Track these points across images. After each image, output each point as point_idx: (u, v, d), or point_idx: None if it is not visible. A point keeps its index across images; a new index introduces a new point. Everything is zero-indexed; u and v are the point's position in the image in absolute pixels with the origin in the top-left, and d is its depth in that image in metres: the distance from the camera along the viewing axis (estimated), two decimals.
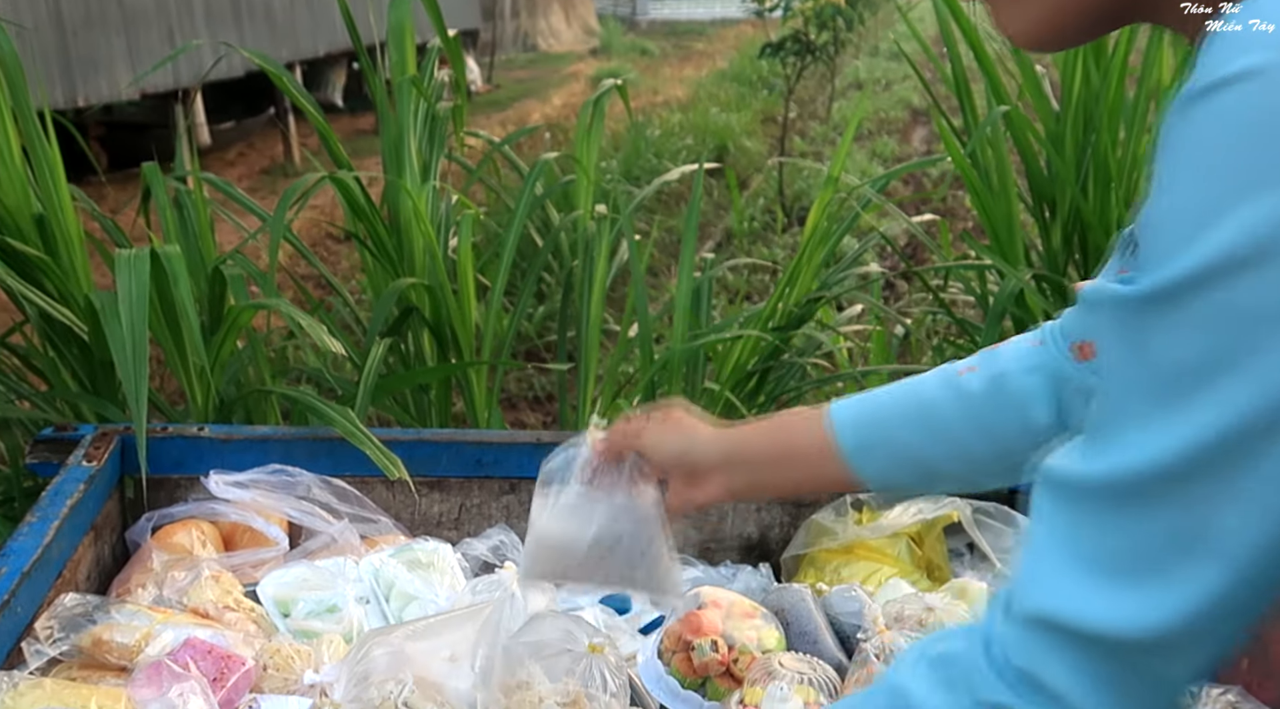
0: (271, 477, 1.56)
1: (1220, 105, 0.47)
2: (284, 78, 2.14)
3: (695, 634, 1.40)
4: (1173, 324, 0.50)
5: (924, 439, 0.96)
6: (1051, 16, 0.61)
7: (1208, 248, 0.48)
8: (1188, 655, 0.56)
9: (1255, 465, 0.50)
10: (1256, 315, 0.48)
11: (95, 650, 1.21)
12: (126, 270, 1.52)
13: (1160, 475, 0.52)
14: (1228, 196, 0.47)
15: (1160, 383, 0.51)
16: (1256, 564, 0.52)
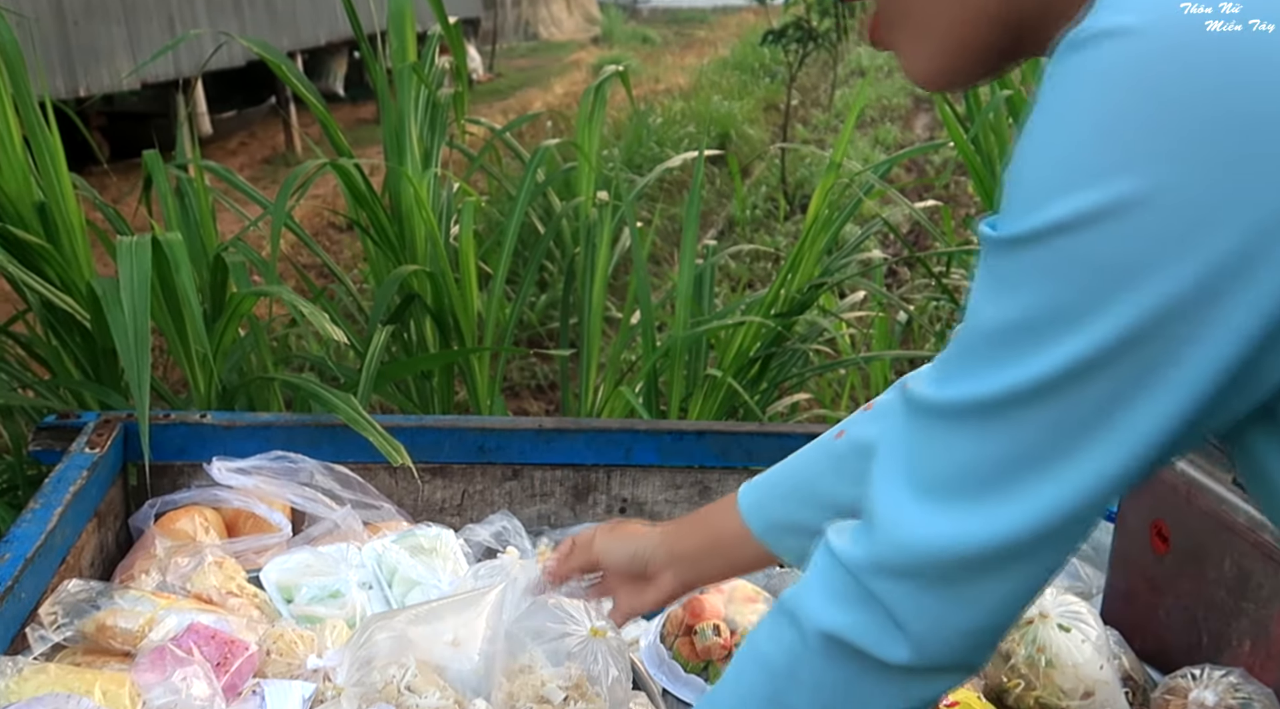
0: (274, 463, 1.57)
1: (1092, 60, 0.49)
2: (285, 68, 2.14)
3: (697, 618, 1.40)
4: (1027, 270, 0.53)
5: (814, 512, 0.99)
6: (945, 59, 0.63)
7: (1065, 206, 0.50)
8: (1019, 571, 0.59)
9: (1091, 401, 0.53)
10: (1103, 267, 0.50)
11: (99, 636, 1.21)
12: (128, 257, 1.52)
13: (1003, 403, 0.55)
14: (1091, 161, 0.49)
15: (1012, 323, 0.54)
16: (1085, 492, 0.56)
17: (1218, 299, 0.49)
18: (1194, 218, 0.48)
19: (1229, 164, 0.47)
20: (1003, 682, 1.29)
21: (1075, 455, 0.55)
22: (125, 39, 7.10)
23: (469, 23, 13.17)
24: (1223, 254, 0.48)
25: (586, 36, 17.62)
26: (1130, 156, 0.48)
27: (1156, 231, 0.49)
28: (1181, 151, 0.47)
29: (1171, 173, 0.48)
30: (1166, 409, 0.53)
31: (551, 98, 10.97)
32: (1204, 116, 0.47)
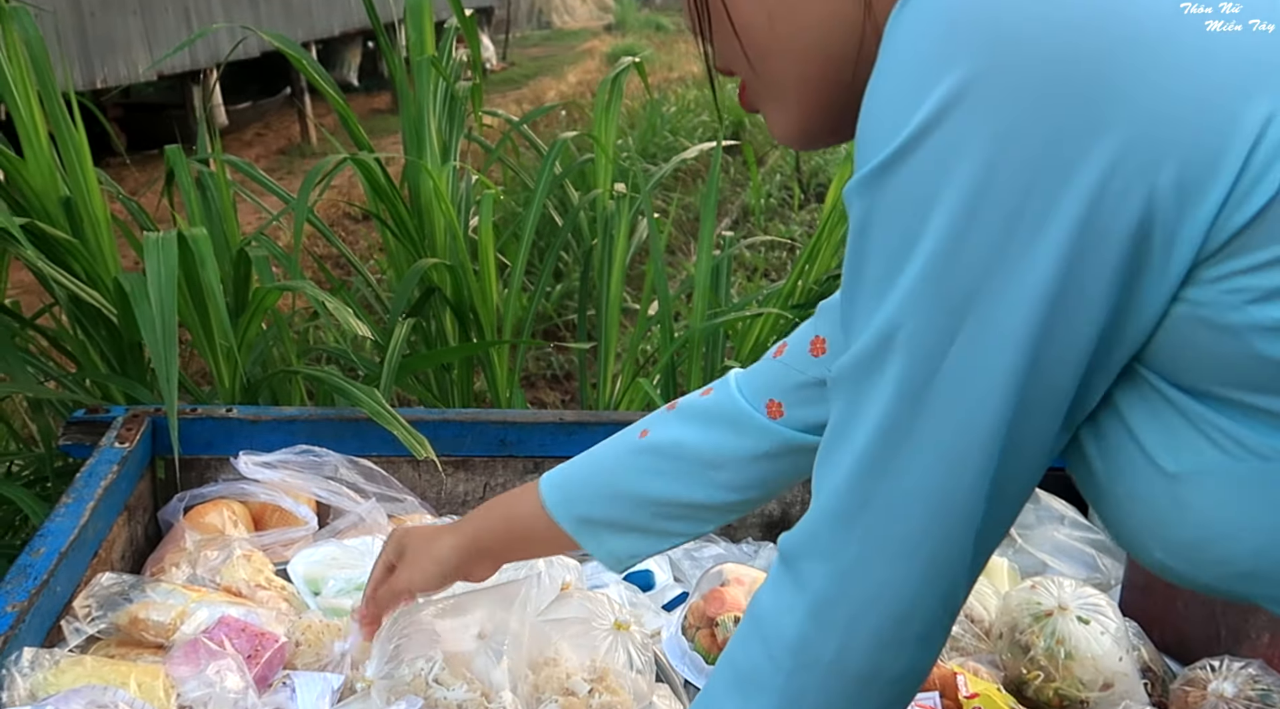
0: (299, 457, 1.58)
1: (906, 14, 0.51)
2: (304, 60, 2.15)
3: (718, 611, 1.41)
4: (872, 211, 0.53)
5: (621, 507, 1.02)
6: (804, 122, 0.67)
7: (896, 138, 0.51)
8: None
9: (939, 337, 0.53)
10: (916, 196, 0.51)
11: (132, 628, 1.23)
12: (155, 253, 1.54)
13: (866, 355, 0.56)
14: (907, 92, 0.50)
15: (870, 274, 0.55)
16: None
17: (1040, 202, 0.49)
18: (1003, 119, 0.48)
19: (1028, 66, 0.47)
20: (1022, 673, 1.30)
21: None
22: (141, 30, 7.13)
23: (482, 11, 13.17)
24: (1033, 155, 0.48)
25: (600, 24, 17.58)
26: (940, 68, 0.49)
27: (969, 133, 0.49)
28: (983, 52, 0.48)
29: (973, 70, 0.48)
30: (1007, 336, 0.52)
31: (565, 86, 10.96)
32: (1006, 29, 0.48)
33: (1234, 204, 0.47)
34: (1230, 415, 0.52)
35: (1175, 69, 0.47)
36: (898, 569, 0.57)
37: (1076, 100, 0.47)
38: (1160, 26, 0.47)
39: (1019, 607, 1.33)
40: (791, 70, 0.64)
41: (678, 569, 1.64)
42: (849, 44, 0.61)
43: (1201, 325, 0.50)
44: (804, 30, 0.62)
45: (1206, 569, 0.56)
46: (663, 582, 1.61)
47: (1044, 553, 1.60)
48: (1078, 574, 1.56)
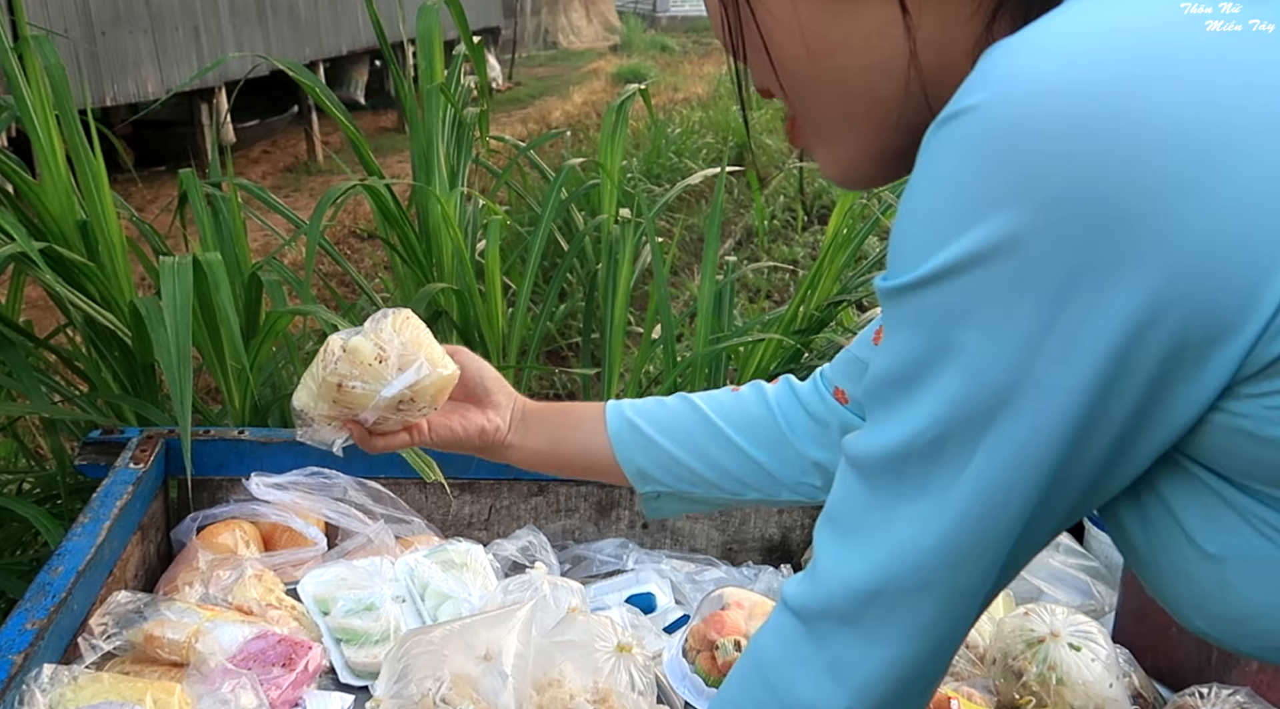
0: (309, 479, 1.62)
1: (948, 134, 0.51)
2: (316, 87, 2.19)
3: (719, 634, 1.44)
4: (903, 321, 0.55)
5: (678, 446, 1.07)
6: (857, 163, 0.66)
7: (935, 260, 0.52)
8: (896, 617, 0.60)
9: (961, 449, 0.55)
10: (953, 315, 0.52)
11: (147, 646, 1.26)
12: (171, 278, 1.58)
13: (892, 456, 0.57)
14: (951, 217, 0.51)
15: (897, 374, 0.56)
16: (953, 537, 0.57)
17: (1058, 351, 0.51)
18: (1039, 262, 0.49)
19: (1070, 212, 0.48)
20: (1015, 698, 1.33)
21: (933, 497, 0.56)
22: (151, 48, 7.19)
23: (489, 31, 13.25)
24: (1064, 302, 0.50)
25: (605, 45, 17.68)
26: (980, 209, 0.50)
27: (1005, 278, 0.50)
28: (1025, 198, 0.49)
29: (1016, 220, 0.49)
30: (1012, 462, 0.54)
31: (570, 107, 11.03)
32: (1047, 166, 0.48)
33: (1268, 339, 0.48)
34: (1272, 506, 0.54)
35: (1217, 214, 0.47)
36: (911, 646, 0.59)
37: (1117, 245, 0.48)
38: (1209, 166, 0.47)
39: (1012, 633, 1.36)
40: (832, 109, 0.63)
41: (679, 592, 1.67)
42: (893, 88, 0.61)
43: (1241, 434, 0.52)
44: (843, 70, 0.61)
45: (1247, 641, 0.58)
46: (664, 604, 1.63)
47: (1039, 579, 1.63)
48: (1072, 600, 1.59)
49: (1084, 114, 0.47)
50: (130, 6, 6.97)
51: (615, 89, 12.21)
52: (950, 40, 0.58)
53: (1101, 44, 0.49)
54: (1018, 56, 0.50)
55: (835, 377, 1.06)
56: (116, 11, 6.84)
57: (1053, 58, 0.49)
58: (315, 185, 8.22)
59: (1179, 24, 0.49)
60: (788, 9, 0.61)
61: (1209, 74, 0.48)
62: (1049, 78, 0.48)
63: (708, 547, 1.80)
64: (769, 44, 0.63)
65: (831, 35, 0.60)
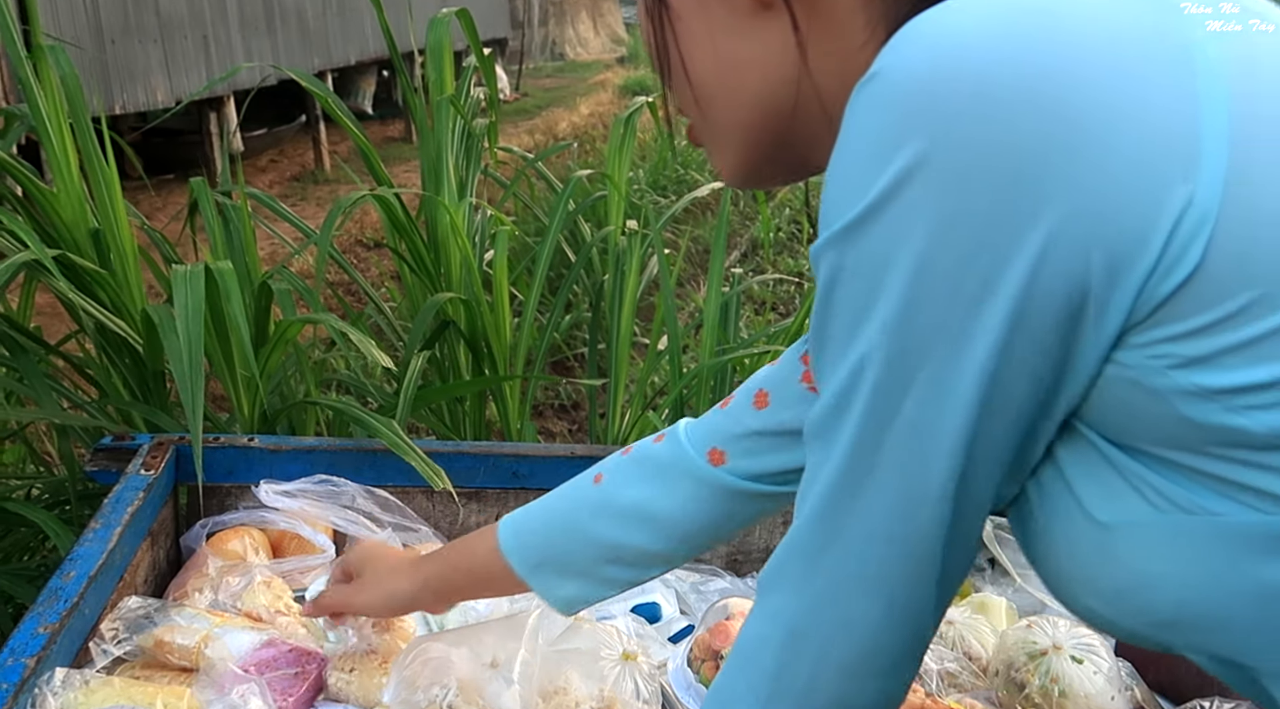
0: (318, 486, 1.63)
1: (861, 97, 0.56)
2: (330, 100, 2.21)
3: (724, 644, 1.45)
4: (836, 271, 0.57)
5: (580, 548, 1.06)
6: (743, 164, 0.73)
7: (853, 209, 0.55)
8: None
9: (888, 394, 0.57)
10: (875, 261, 0.55)
11: (157, 651, 1.28)
12: (183, 286, 1.59)
13: (830, 409, 0.60)
14: (863, 168, 0.55)
15: (828, 330, 0.59)
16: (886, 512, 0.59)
17: (977, 289, 0.53)
18: (949, 197, 0.52)
19: (972, 149, 0.51)
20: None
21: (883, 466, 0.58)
22: (161, 58, 7.24)
23: (496, 42, 13.31)
24: (975, 230, 0.52)
25: (612, 57, 17.75)
26: (891, 149, 0.53)
27: (920, 207, 0.53)
28: (929, 132, 0.52)
29: (922, 149, 0.52)
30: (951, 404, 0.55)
31: (577, 118, 11.07)
32: (949, 107, 0.52)
33: (1158, 277, 0.51)
34: (1159, 471, 0.55)
35: (1111, 151, 0.50)
36: (861, 606, 0.61)
37: (1017, 179, 0.51)
38: (1105, 106, 0.50)
39: (1015, 645, 1.37)
40: (733, 116, 0.70)
41: (684, 602, 1.68)
42: (785, 99, 0.68)
43: (1131, 387, 0.54)
44: (745, 82, 0.69)
45: (1130, 616, 0.59)
46: (669, 614, 1.64)
47: (1042, 592, 1.63)
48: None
49: (982, 62, 0.52)
50: (140, 16, 7.02)
51: (622, 100, 12.25)
52: (847, 64, 0.65)
53: (999, 10, 0.53)
54: (920, 25, 0.55)
55: (769, 381, 1.04)
56: (126, 21, 6.88)
57: (952, 23, 0.54)
58: (322, 194, 8.25)
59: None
60: (703, 31, 0.69)
61: (1100, 26, 0.52)
62: (948, 35, 0.53)
63: (712, 557, 1.81)
64: (686, 61, 0.71)
65: (739, 54, 0.68)
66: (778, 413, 0.99)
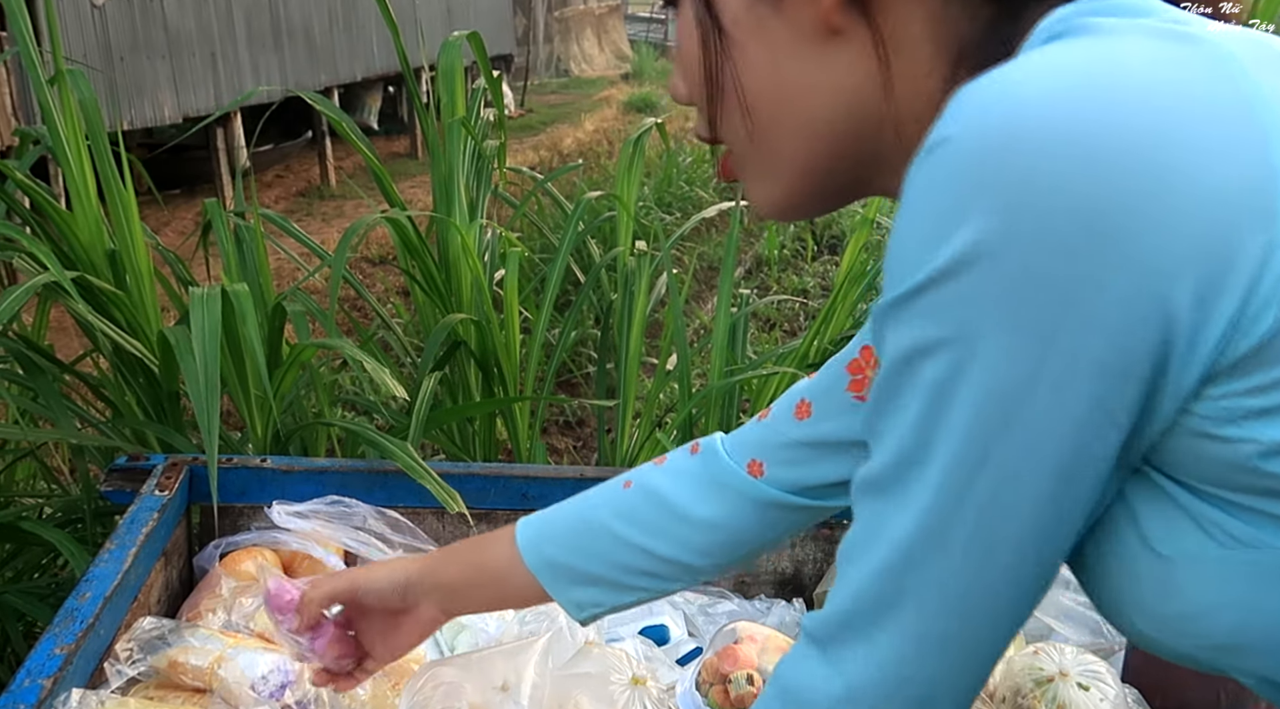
0: (330, 507, 1.64)
1: (927, 166, 0.55)
2: (344, 122, 2.23)
3: (732, 667, 1.46)
4: (897, 344, 0.57)
5: (593, 557, 1.01)
6: (788, 194, 0.70)
7: (917, 275, 0.54)
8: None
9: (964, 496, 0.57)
10: (948, 335, 0.54)
11: (171, 672, 1.29)
12: (200, 308, 1.61)
13: (900, 466, 0.59)
14: (928, 238, 0.54)
15: (897, 399, 0.58)
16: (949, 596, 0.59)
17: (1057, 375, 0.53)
18: (1016, 272, 0.52)
19: (1040, 221, 0.51)
20: None
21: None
22: (169, 74, 7.28)
23: (502, 59, 13.37)
24: (1051, 304, 0.51)
25: (617, 73, 17.81)
26: (957, 221, 0.53)
27: (985, 288, 0.52)
28: (996, 207, 0.51)
29: (989, 226, 0.52)
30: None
31: (582, 134, 11.10)
32: (1017, 179, 0.51)
33: (1240, 332, 0.51)
34: (1224, 509, 0.56)
35: (1181, 207, 0.50)
36: (929, 662, 0.61)
37: (1088, 247, 0.50)
38: (1169, 166, 0.50)
39: (1022, 671, 1.37)
40: (792, 146, 0.68)
41: (692, 625, 1.69)
42: (851, 126, 0.66)
43: (1202, 436, 0.54)
44: (811, 110, 0.66)
45: (1187, 640, 0.60)
46: (677, 636, 1.65)
47: (1049, 617, 1.64)
48: (1082, 639, 1.60)
49: (1045, 128, 0.51)
50: (149, 33, 7.06)
51: (626, 117, 12.29)
52: (916, 89, 0.64)
53: (1063, 74, 0.53)
54: (986, 90, 0.54)
55: (811, 390, 1.02)
56: (135, 37, 6.93)
57: (1017, 88, 0.53)
58: (328, 210, 8.29)
59: (1136, 52, 0.54)
60: (764, 58, 0.66)
61: (1164, 82, 0.52)
62: (1014, 104, 0.52)
63: (721, 580, 1.82)
64: (743, 90, 0.68)
65: (805, 81, 0.66)
66: (820, 423, 0.97)
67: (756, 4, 0.66)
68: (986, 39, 0.60)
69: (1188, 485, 0.57)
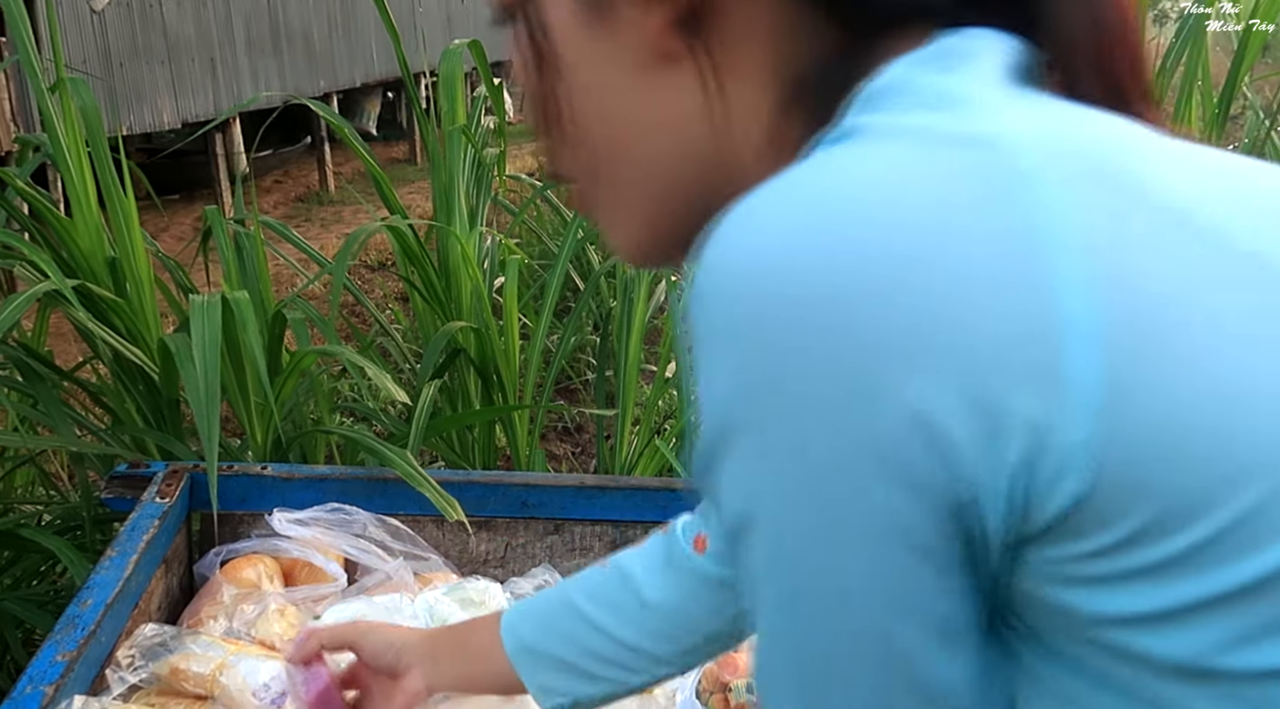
0: (330, 515, 1.64)
1: (694, 296, 0.47)
2: (346, 129, 2.24)
3: (732, 675, 1.46)
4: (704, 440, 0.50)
5: (565, 640, 0.96)
6: (643, 242, 0.62)
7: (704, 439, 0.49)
8: None
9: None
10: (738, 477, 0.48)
11: (173, 679, 1.29)
12: (200, 316, 1.61)
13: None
14: (702, 387, 0.48)
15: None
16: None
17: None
18: (783, 424, 0.46)
19: (780, 394, 0.45)
20: None
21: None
22: (168, 79, 7.30)
23: (500, 64, 13.36)
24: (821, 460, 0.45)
25: None
26: (708, 389, 0.47)
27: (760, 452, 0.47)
28: (739, 381, 0.46)
29: (733, 407, 0.46)
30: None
31: None
32: (755, 351, 0.45)
33: (1025, 507, 0.45)
34: (1072, 674, 0.50)
35: (930, 368, 0.43)
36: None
37: (837, 398, 0.44)
38: (922, 321, 0.43)
39: None
40: (638, 184, 0.60)
41: None
42: (698, 163, 0.58)
43: (1035, 600, 0.49)
44: (651, 151, 0.59)
45: None
46: None
47: None
48: None
49: (780, 280, 0.44)
50: (148, 38, 7.08)
51: None
52: (749, 122, 0.56)
53: (803, 205, 0.45)
54: (730, 227, 0.47)
55: (701, 521, 0.97)
56: (134, 43, 6.94)
57: (755, 225, 0.46)
58: (326, 215, 8.29)
59: (895, 171, 0.45)
60: (599, 84, 0.59)
61: (915, 229, 0.44)
62: (744, 252, 0.45)
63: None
64: (577, 120, 0.60)
65: (638, 110, 0.58)
66: None
67: (587, 25, 0.58)
68: (832, 69, 0.53)
69: (1038, 647, 0.51)
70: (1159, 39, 5.50)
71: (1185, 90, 2.98)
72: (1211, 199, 0.46)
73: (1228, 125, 3.31)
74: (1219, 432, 0.42)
